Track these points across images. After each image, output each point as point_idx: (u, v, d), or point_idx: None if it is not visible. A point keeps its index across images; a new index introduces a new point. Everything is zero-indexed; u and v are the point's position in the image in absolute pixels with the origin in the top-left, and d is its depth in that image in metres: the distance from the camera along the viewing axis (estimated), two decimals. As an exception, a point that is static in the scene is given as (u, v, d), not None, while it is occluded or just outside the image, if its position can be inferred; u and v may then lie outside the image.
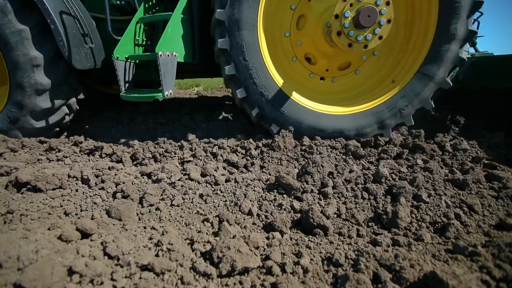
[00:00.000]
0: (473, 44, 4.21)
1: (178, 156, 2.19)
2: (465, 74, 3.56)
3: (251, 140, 2.34)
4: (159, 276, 0.98)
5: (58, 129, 2.73)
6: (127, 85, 2.45)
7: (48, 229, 1.26)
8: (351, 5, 2.04)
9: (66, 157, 2.16)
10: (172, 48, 2.34)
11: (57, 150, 2.31)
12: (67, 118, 2.78)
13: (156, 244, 1.15)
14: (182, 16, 2.40)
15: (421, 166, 1.88)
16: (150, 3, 2.71)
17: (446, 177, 1.72)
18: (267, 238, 1.28)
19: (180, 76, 3.98)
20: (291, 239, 1.30)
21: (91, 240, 1.17)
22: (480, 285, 0.90)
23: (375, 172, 1.74)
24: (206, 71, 3.69)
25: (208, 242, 1.21)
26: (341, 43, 2.15)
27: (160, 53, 2.13)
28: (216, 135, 2.62)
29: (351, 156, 2.09)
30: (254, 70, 2.31)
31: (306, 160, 1.92)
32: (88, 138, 2.60)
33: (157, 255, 1.09)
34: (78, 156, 2.22)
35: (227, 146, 2.28)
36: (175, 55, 2.33)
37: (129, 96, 2.29)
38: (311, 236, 1.31)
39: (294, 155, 2.16)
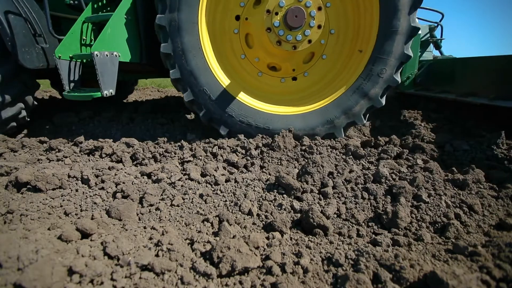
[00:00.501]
0: (438, 47, 4.22)
1: (178, 156, 2.19)
2: (423, 77, 3.55)
3: (251, 140, 2.34)
4: (159, 276, 0.98)
5: (15, 124, 2.72)
6: (72, 84, 2.46)
7: (48, 229, 1.26)
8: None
9: (66, 157, 2.16)
10: (112, 48, 2.35)
11: (57, 150, 2.31)
12: (24, 113, 2.76)
13: (156, 244, 1.15)
14: (126, 16, 2.43)
15: (421, 166, 1.88)
16: (100, 3, 2.74)
17: (446, 177, 1.72)
18: (267, 238, 1.28)
19: (134, 77, 3.96)
20: (291, 239, 1.30)
21: (91, 240, 1.17)
22: (480, 285, 0.90)
23: (375, 172, 1.74)
24: (158, 72, 3.71)
25: (208, 242, 1.21)
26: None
27: (96, 53, 2.14)
28: (216, 136, 2.62)
29: (351, 156, 2.09)
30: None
31: (306, 160, 1.92)
32: (88, 138, 2.60)
33: (157, 255, 1.09)
34: (78, 156, 2.22)
35: (227, 146, 2.28)
36: (116, 55, 2.35)
37: (70, 95, 2.32)
38: (311, 236, 1.31)
39: (294, 155, 2.16)
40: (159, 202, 1.57)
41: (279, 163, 2.09)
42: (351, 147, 2.15)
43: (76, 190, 1.65)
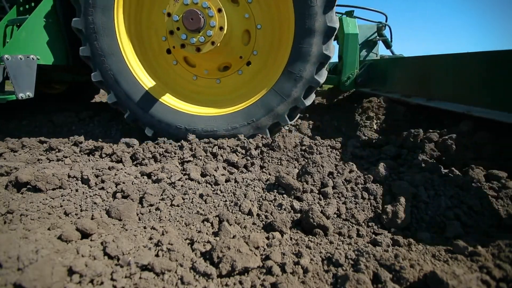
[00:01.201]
0: (389, 46, 4.22)
1: (178, 156, 2.19)
2: (364, 77, 3.55)
3: (251, 140, 2.34)
4: (159, 276, 0.98)
5: None
6: None
7: (48, 229, 1.26)
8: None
9: (66, 157, 2.16)
10: (29, 51, 2.37)
11: (57, 150, 2.31)
12: None
13: (156, 244, 1.15)
14: (46, 19, 2.45)
15: (421, 166, 1.88)
16: (26, 6, 2.76)
17: (445, 177, 1.72)
18: (267, 238, 1.28)
19: (67, 78, 3.94)
20: (291, 239, 1.30)
21: (91, 240, 1.17)
22: (480, 285, 0.90)
23: (375, 172, 1.74)
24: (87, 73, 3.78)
25: (208, 242, 1.21)
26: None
27: (6, 56, 2.15)
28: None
29: (351, 156, 2.09)
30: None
31: (306, 160, 1.92)
32: (88, 138, 2.60)
33: (157, 255, 1.09)
34: (78, 156, 2.22)
35: (227, 146, 2.28)
36: (33, 58, 2.35)
37: None
38: (311, 236, 1.31)
39: (294, 155, 2.16)
40: (159, 202, 1.57)
41: (279, 163, 2.09)
42: (351, 147, 2.15)
43: (76, 190, 1.65)
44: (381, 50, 4.18)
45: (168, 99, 2.51)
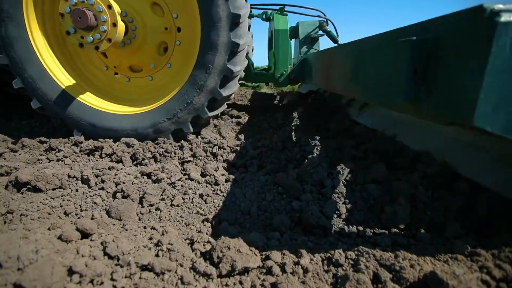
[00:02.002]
0: (335, 41, 4.18)
1: (178, 156, 2.19)
2: (297, 73, 3.55)
3: (250, 139, 2.34)
4: (159, 276, 0.98)
5: None
6: None
7: (48, 229, 1.26)
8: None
9: (66, 157, 2.16)
10: None
11: (57, 150, 2.31)
12: None
13: (156, 244, 1.15)
14: None
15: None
16: None
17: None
18: (267, 238, 1.28)
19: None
20: (291, 239, 1.30)
21: (91, 240, 1.17)
22: (480, 285, 0.90)
23: (373, 172, 1.74)
24: None
25: (208, 242, 1.21)
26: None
27: None
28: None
29: (350, 156, 2.09)
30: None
31: (306, 160, 1.92)
32: (88, 138, 2.60)
33: (157, 255, 1.09)
34: (78, 156, 2.22)
35: (227, 146, 2.28)
36: None
37: None
38: (311, 236, 1.31)
39: (294, 155, 2.16)
40: (159, 202, 1.57)
41: (279, 163, 2.09)
42: (346, 148, 2.15)
43: (76, 190, 1.65)
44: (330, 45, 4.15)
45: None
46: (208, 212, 1.51)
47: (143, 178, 1.83)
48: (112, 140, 2.44)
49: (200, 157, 2.15)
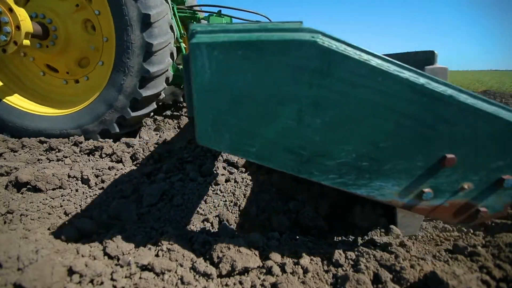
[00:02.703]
0: None
1: (178, 156, 2.19)
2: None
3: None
4: (159, 276, 0.98)
5: None
6: None
7: (48, 229, 1.26)
8: None
9: (66, 157, 2.16)
10: None
11: (57, 150, 2.31)
12: None
13: (156, 244, 1.15)
14: None
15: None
16: None
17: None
18: (267, 238, 1.28)
19: None
20: (290, 239, 1.30)
21: (91, 240, 1.17)
22: (480, 285, 0.90)
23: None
24: None
25: (208, 242, 1.21)
26: None
27: None
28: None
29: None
30: None
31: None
32: (88, 138, 2.60)
33: (157, 255, 1.08)
34: (78, 156, 2.22)
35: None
36: None
37: None
38: (310, 236, 1.31)
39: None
40: (158, 202, 1.57)
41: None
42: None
43: (76, 190, 1.65)
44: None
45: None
46: (208, 212, 1.51)
47: (143, 178, 1.83)
48: (111, 140, 2.44)
49: (200, 157, 2.15)
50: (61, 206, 1.50)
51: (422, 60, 1.27)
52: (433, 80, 0.83)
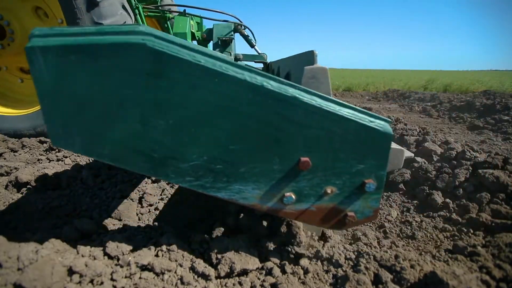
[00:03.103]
0: (252, 46, 4.30)
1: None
2: None
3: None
4: (159, 276, 0.98)
5: None
6: None
7: (48, 229, 1.26)
8: None
9: (66, 157, 2.16)
10: None
11: (57, 150, 2.31)
12: None
13: (156, 244, 1.15)
14: None
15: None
16: None
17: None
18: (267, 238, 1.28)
19: None
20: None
21: (91, 240, 1.17)
22: (480, 285, 0.90)
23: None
24: None
25: (207, 242, 1.21)
26: None
27: None
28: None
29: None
30: None
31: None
32: None
33: (157, 255, 1.08)
34: (78, 156, 2.22)
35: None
36: None
37: None
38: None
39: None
40: (158, 202, 1.57)
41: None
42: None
43: (76, 190, 1.65)
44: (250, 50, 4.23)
45: None
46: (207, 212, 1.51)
47: (143, 178, 1.83)
48: None
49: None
50: (61, 206, 1.49)
51: (305, 60, 1.25)
52: (276, 80, 0.81)
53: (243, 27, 4.06)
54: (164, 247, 1.11)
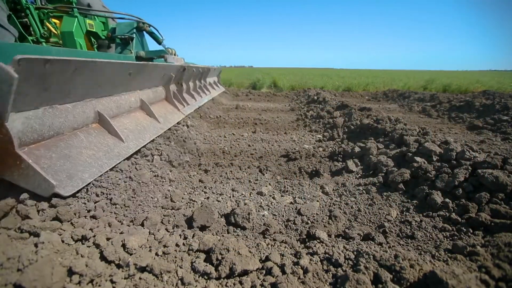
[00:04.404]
0: (159, 42, 4.49)
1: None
2: None
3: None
4: (158, 278, 0.98)
5: None
6: None
7: (48, 229, 1.25)
8: None
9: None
10: None
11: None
12: None
13: (156, 244, 1.15)
14: None
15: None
16: None
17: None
18: (266, 240, 1.28)
19: None
20: (290, 240, 1.29)
21: (91, 241, 1.17)
22: (479, 285, 0.90)
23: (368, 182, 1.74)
24: None
25: (207, 244, 1.21)
26: None
27: None
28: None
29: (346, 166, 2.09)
30: None
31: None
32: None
33: (156, 255, 1.08)
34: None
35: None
36: None
37: None
38: (309, 237, 1.31)
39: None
40: (158, 202, 1.56)
41: (278, 170, 2.08)
42: (347, 157, 2.14)
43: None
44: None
45: None
46: (207, 212, 1.51)
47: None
48: None
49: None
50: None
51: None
52: None
53: (147, 25, 4.20)
54: (164, 249, 1.10)
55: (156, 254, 1.09)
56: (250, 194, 1.73)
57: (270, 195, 1.71)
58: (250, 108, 5.58)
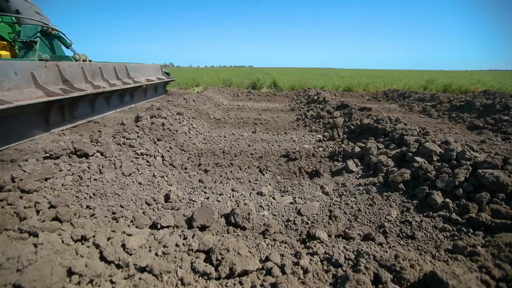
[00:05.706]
0: (67, 46, 4.62)
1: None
2: None
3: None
4: (158, 278, 0.98)
5: None
6: None
7: (48, 229, 1.25)
8: None
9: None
10: None
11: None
12: None
13: (155, 244, 1.15)
14: None
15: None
16: None
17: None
18: (266, 240, 1.28)
19: None
20: (290, 240, 1.29)
21: (90, 241, 1.17)
22: (479, 285, 0.90)
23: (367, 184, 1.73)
24: None
25: (207, 244, 1.21)
26: None
27: None
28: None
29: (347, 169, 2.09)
30: None
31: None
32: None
33: (156, 255, 1.08)
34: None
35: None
36: None
37: None
38: (309, 237, 1.31)
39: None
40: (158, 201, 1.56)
41: (279, 172, 2.08)
42: (349, 160, 2.14)
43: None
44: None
45: None
46: (207, 212, 1.51)
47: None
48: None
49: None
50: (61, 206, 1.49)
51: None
52: None
53: (51, 29, 4.28)
54: (163, 249, 1.10)
55: (156, 254, 1.09)
56: (250, 194, 1.73)
57: (270, 195, 1.71)
58: (250, 108, 5.58)
